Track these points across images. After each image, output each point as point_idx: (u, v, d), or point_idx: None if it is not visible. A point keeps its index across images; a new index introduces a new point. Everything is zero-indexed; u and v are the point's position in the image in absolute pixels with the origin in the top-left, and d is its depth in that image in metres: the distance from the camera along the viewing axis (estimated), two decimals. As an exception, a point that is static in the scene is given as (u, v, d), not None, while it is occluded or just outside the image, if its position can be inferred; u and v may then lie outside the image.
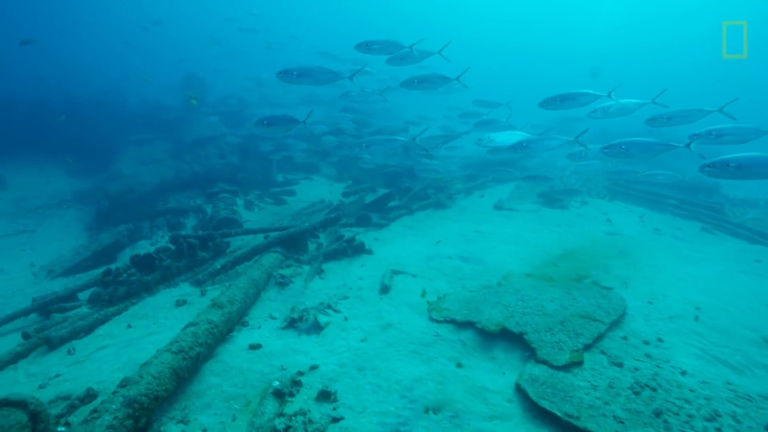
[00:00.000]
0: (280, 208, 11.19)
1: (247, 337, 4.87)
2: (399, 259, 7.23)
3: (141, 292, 6.17)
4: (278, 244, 7.18)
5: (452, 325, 5.10)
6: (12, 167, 17.80)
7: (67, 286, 7.99)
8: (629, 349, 4.78)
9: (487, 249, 7.96)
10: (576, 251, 8.15)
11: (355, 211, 10.18)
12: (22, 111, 19.89)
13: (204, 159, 14.10)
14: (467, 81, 8.69)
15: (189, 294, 6.25)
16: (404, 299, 5.80)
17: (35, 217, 13.33)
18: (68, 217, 13.25)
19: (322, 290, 6.16)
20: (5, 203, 14.42)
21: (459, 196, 11.99)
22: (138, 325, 5.43)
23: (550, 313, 5.27)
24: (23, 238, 11.56)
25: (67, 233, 11.85)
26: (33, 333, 5.26)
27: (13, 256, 10.31)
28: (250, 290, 5.59)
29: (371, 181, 12.69)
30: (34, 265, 9.54)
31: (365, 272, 6.72)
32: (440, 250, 7.80)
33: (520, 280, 6.48)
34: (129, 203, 11.41)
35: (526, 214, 10.57)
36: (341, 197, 11.70)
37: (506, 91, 38.14)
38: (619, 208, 11.81)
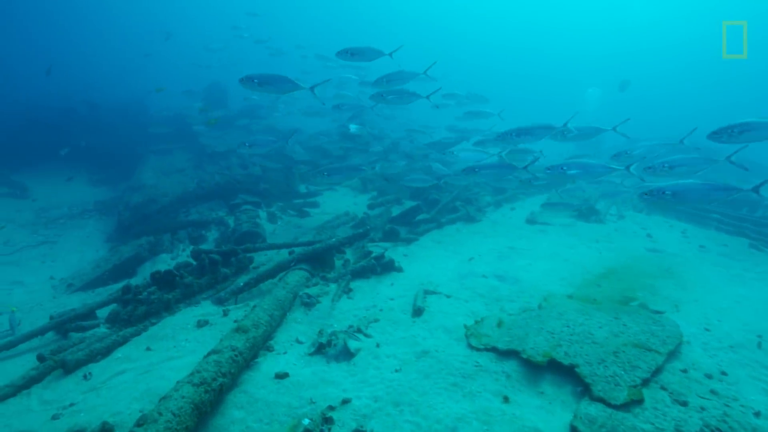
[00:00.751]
0: (304, 220, 10.95)
1: (272, 365, 4.58)
2: (431, 277, 6.89)
3: (161, 311, 5.94)
4: (303, 261, 6.90)
5: (493, 353, 4.74)
6: (35, 176, 17.96)
7: (85, 301, 7.83)
8: (691, 384, 4.36)
9: (523, 267, 7.57)
10: (618, 270, 7.71)
11: (381, 225, 9.87)
12: (46, 120, 20.12)
13: (226, 169, 13.97)
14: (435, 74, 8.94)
15: (211, 313, 5.99)
16: (439, 323, 5.45)
17: (57, 227, 13.34)
18: (89, 228, 13.22)
19: (350, 311, 5.85)
20: (27, 213, 14.50)
21: (489, 209, 11.60)
22: (158, 347, 5.18)
23: (600, 341, 4.87)
24: (44, 249, 11.53)
25: (88, 244, 11.80)
26: (48, 355, 5.05)
27: (34, 268, 10.25)
28: (276, 312, 5.30)
29: (396, 193, 12.39)
30: (54, 278, 9.45)
31: (396, 292, 6.39)
32: (473, 267, 7.44)
33: (563, 303, 6.08)
34: (150, 214, 11.29)
35: (561, 229, 10.14)
36: (366, 209, 11.41)
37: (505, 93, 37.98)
38: (659, 223, 11.29)
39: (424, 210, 10.20)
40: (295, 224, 10.65)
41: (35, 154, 18.85)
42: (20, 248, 11.47)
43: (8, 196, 16.34)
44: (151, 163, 16.32)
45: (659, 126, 34.60)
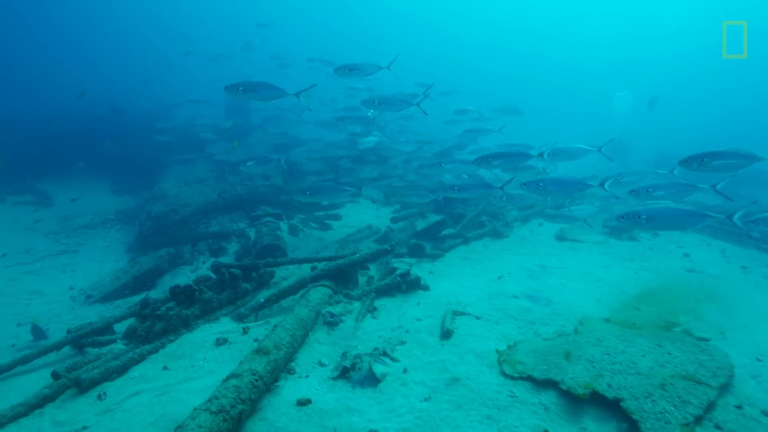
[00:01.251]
0: (326, 233, 10.77)
1: (294, 389, 4.35)
2: (458, 297, 6.62)
3: (179, 327, 5.77)
4: (326, 277, 6.69)
5: (529, 383, 4.44)
6: (59, 185, 18.19)
7: (104, 314, 7.73)
8: (749, 422, 4.01)
9: (556, 287, 7.25)
10: (656, 292, 7.33)
11: (405, 239, 9.64)
12: (72, 129, 20.42)
13: (247, 180, 13.90)
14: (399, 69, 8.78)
15: (230, 331, 5.81)
16: (470, 347, 5.17)
17: (79, 236, 13.38)
18: (111, 237, 13.24)
19: (375, 332, 5.60)
20: (50, 222, 14.61)
21: (516, 223, 11.28)
22: (175, 367, 5.00)
23: (645, 371, 4.54)
24: (65, 258, 11.53)
25: (108, 255, 11.78)
26: (63, 372, 4.90)
27: (54, 278, 10.23)
28: (298, 332, 5.09)
29: (420, 206, 12.15)
30: (74, 289, 9.40)
31: (422, 312, 6.13)
32: (503, 287, 7.15)
33: (600, 327, 5.76)
34: (171, 225, 11.23)
35: (593, 247, 9.77)
36: (389, 223, 11.19)
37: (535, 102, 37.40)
38: (696, 241, 10.84)
39: (450, 224, 9.93)
40: (316, 237, 10.47)
41: (60, 163, 19.10)
42: (42, 257, 11.50)
43: (33, 204, 16.54)
44: (174, 172, 16.37)
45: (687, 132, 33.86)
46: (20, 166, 18.34)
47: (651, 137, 28.66)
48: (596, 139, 9.15)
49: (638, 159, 25.03)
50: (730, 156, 5.72)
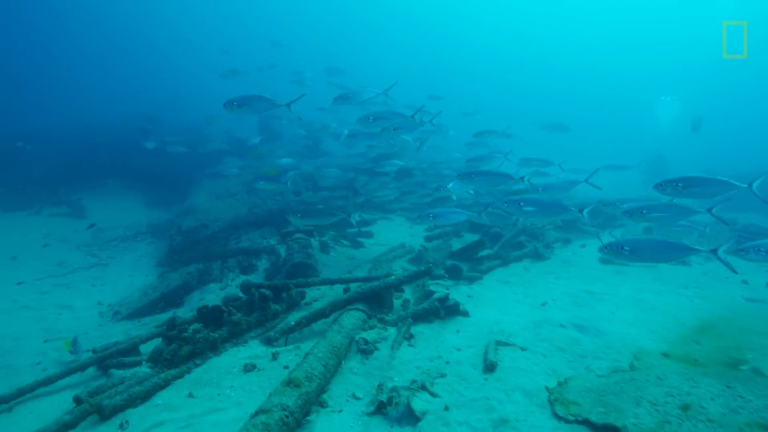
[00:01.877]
0: (358, 251, 10.51)
1: (326, 426, 4.05)
2: (501, 325, 6.22)
3: (206, 351, 5.55)
4: (360, 300, 6.40)
5: (586, 427, 4.03)
6: (93, 196, 18.51)
7: (130, 332, 7.61)
8: None
9: (604, 316, 6.78)
10: (717, 323, 6.79)
11: (440, 259, 9.29)
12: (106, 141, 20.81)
13: (278, 194, 13.80)
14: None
15: (259, 356, 5.55)
16: (516, 382, 4.78)
17: (110, 249, 13.47)
18: (141, 251, 13.27)
19: (412, 362, 5.26)
20: (83, 234, 14.77)
21: (557, 244, 10.81)
22: (200, 395, 4.76)
23: (717, 418, 4.08)
24: (96, 272, 11.57)
25: (138, 269, 11.77)
26: (85, 397, 4.71)
27: (84, 291, 10.23)
28: (331, 361, 4.79)
29: (455, 224, 11.79)
30: (102, 304, 9.35)
31: (462, 340, 5.76)
32: (548, 314, 6.72)
33: (659, 363, 5.29)
34: (201, 240, 11.17)
35: (642, 271, 9.22)
36: (423, 242, 10.86)
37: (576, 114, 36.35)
38: (752, 267, 10.14)
39: (487, 245, 9.54)
40: (348, 255, 10.21)
41: (95, 174, 19.45)
42: (73, 270, 11.56)
43: (67, 215, 16.83)
44: (206, 186, 16.44)
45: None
46: (56, 178, 18.71)
47: (699, 150, 27.06)
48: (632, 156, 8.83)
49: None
50: (705, 183, 5.68)
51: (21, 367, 6.78)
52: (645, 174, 27.01)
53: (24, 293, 9.91)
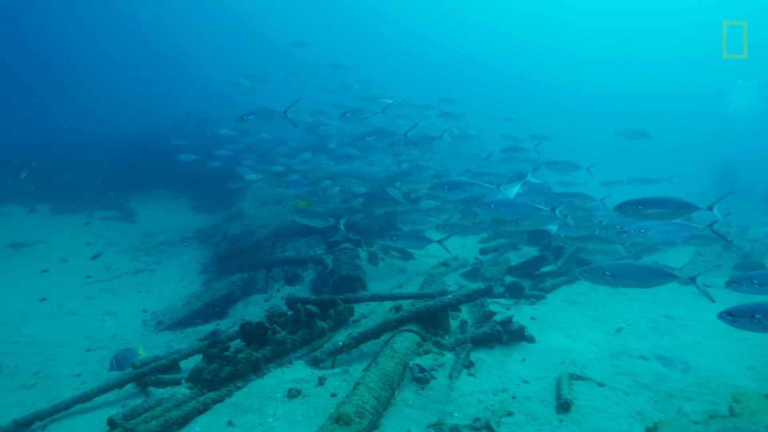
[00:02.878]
0: (408, 263, 10.03)
1: (380, 471, 3.58)
2: (571, 353, 5.60)
3: (248, 372, 5.19)
4: (413, 320, 5.91)
5: (689, 490, 3.40)
6: (144, 200, 18.79)
7: (171, 344, 7.41)
8: None
9: (691, 346, 6.04)
10: (826, 359, 5.93)
11: (497, 275, 8.70)
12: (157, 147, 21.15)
13: (325, 201, 13.49)
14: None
15: (304, 379, 5.15)
16: (596, 426, 4.18)
17: (157, 254, 13.52)
18: (187, 257, 13.25)
19: (473, 395, 4.73)
20: (132, 238, 14.96)
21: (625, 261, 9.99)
22: (241, 423, 4.38)
23: None
24: (142, 277, 11.57)
25: (184, 275, 11.71)
26: (120, 420, 4.43)
27: (129, 298, 10.20)
28: (383, 392, 4.33)
29: (511, 236, 11.15)
30: (146, 311, 9.25)
31: (529, 371, 5.18)
32: (625, 342, 6.04)
33: (764, 408, 4.55)
34: (246, 248, 10.97)
35: (725, 294, 8.28)
36: (478, 254, 10.28)
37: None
38: None
39: (551, 260, 8.87)
40: (398, 268, 9.75)
41: (145, 178, 19.79)
42: (119, 275, 11.61)
43: (117, 219, 17.14)
44: (252, 191, 16.34)
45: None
46: (109, 182, 19.13)
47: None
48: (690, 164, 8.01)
49: (745, 189, 21.29)
50: (665, 204, 5.56)
51: (61, 377, 6.68)
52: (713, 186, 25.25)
53: (70, 298, 9.97)
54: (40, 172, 19.80)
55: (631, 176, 12.54)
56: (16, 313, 9.12)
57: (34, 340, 8.01)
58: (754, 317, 3.88)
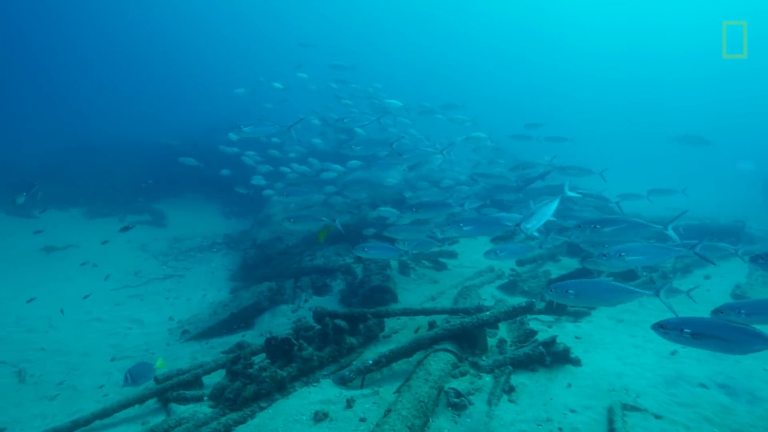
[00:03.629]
0: (440, 274, 9.65)
1: None
2: (622, 379, 5.14)
3: (272, 392, 4.92)
4: (448, 338, 5.56)
5: None
6: (175, 205, 18.93)
7: (196, 355, 7.24)
8: None
9: (756, 373, 5.49)
10: None
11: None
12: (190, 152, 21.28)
13: (355, 208, 13.22)
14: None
15: (332, 401, 4.84)
16: (656, 467, 3.75)
17: (186, 260, 13.47)
18: (216, 263, 13.16)
19: (515, 424, 4.34)
20: (162, 242, 14.98)
21: (674, 276, 9.39)
22: (264, 449, 4.11)
23: None
24: (170, 283, 11.50)
25: (211, 282, 11.59)
26: (137, 442, 4.21)
27: (156, 305, 10.11)
28: (417, 420, 3.99)
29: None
30: (173, 319, 9.12)
31: (576, 398, 4.76)
32: (681, 368, 5.53)
33: None
34: (274, 255, 10.78)
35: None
36: (515, 265, 9.83)
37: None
38: None
39: (594, 273, 8.36)
40: (430, 278, 9.38)
41: (176, 183, 19.88)
42: (148, 281, 11.57)
43: (149, 224, 17.25)
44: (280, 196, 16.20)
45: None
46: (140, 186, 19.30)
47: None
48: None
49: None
50: (620, 223, 5.60)
51: (84, 389, 6.55)
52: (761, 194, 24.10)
53: (98, 304, 9.92)
54: (74, 177, 20.32)
55: (652, 187, 11.93)
56: (45, 319, 9.11)
57: (60, 347, 7.95)
58: (682, 331, 3.84)
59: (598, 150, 30.60)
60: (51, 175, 20.48)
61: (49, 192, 19.41)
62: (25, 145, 25.92)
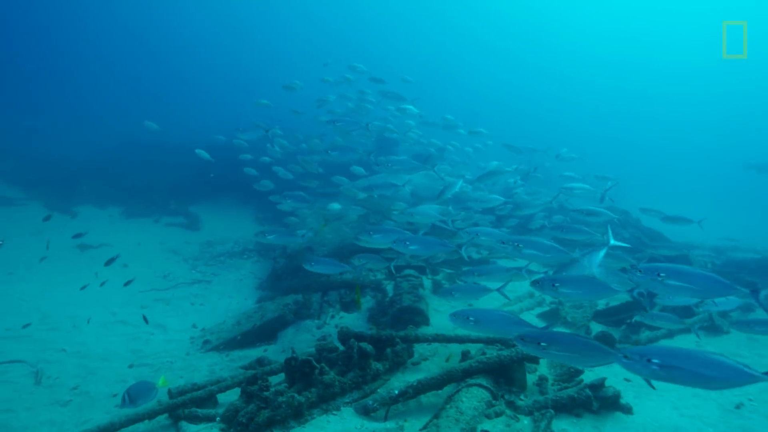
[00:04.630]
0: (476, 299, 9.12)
1: None
2: (680, 433, 4.56)
3: (288, 419, 4.54)
4: (482, 372, 5.08)
5: None
6: (210, 209, 18.92)
7: (214, 368, 6.96)
8: None
9: (837, 437, 4.81)
10: None
11: (581, 320, 7.67)
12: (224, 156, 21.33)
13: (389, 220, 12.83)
14: None
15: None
16: None
17: (216, 265, 13.33)
18: (245, 270, 12.96)
19: (556, 480, 3.83)
20: (194, 246, 14.91)
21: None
22: (272, 487, 3.72)
23: None
24: (197, 289, 11.34)
25: (239, 290, 11.37)
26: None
27: (181, 310, 9.93)
28: (445, 470, 3.53)
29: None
30: (196, 327, 8.90)
31: (627, 454, 4.21)
32: (748, 424, 4.89)
33: None
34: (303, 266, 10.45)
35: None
36: (556, 291, 9.20)
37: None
38: None
39: (645, 306, 7.71)
40: (465, 300, 8.86)
41: (212, 186, 19.92)
42: (176, 284, 11.44)
43: (182, 226, 17.26)
44: (315, 205, 15.97)
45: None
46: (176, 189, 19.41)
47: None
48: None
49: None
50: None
51: (98, 396, 6.34)
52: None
53: (124, 306, 9.81)
54: (117, 176, 20.65)
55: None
56: (69, 318, 9.03)
57: (80, 349, 7.80)
58: (539, 344, 3.80)
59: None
60: (94, 172, 20.91)
61: (91, 188, 19.87)
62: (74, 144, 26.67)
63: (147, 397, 4.77)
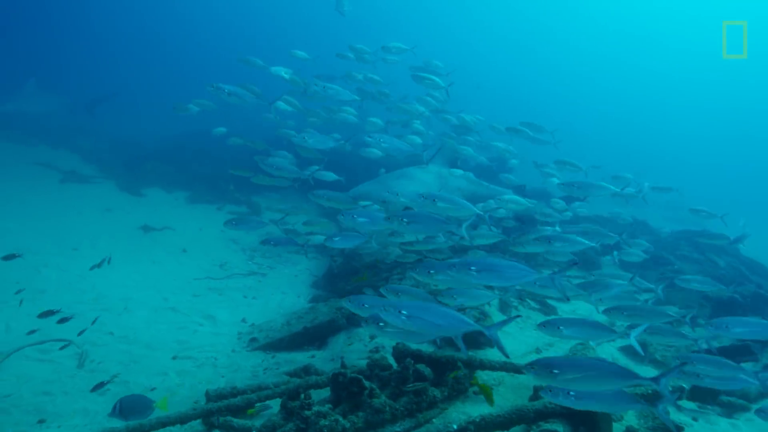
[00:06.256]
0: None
1: None
2: None
3: (329, 445, 4.02)
4: (558, 416, 4.35)
5: None
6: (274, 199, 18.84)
7: (257, 370, 6.58)
8: None
9: None
10: None
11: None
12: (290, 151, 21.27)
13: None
14: None
15: (399, 473, 3.86)
16: None
17: (273, 257, 13.09)
18: (302, 266, 12.63)
19: None
20: (253, 236, 14.74)
21: None
22: None
23: None
24: (251, 281, 11.10)
25: (293, 285, 11.05)
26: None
27: (233, 302, 9.70)
28: None
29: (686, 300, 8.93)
30: (245, 322, 8.61)
31: None
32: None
33: None
34: (360, 268, 10.00)
35: None
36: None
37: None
38: None
39: (756, 353, 6.66)
40: (534, 323, 8.08)
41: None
42: (231, 275, 11.27)
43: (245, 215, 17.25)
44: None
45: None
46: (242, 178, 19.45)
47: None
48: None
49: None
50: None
51: (136, 388, 6.13)
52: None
53: (176, 293, 9.69)
54: (186, 161, 21.06)
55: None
56: (122, 300, 8.97)
57: (127, 334, 7.66)
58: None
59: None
60: (164, 156, 21.45)
61: (160, 171, 20.36)
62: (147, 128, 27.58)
63: (140, 414, 4.41)
